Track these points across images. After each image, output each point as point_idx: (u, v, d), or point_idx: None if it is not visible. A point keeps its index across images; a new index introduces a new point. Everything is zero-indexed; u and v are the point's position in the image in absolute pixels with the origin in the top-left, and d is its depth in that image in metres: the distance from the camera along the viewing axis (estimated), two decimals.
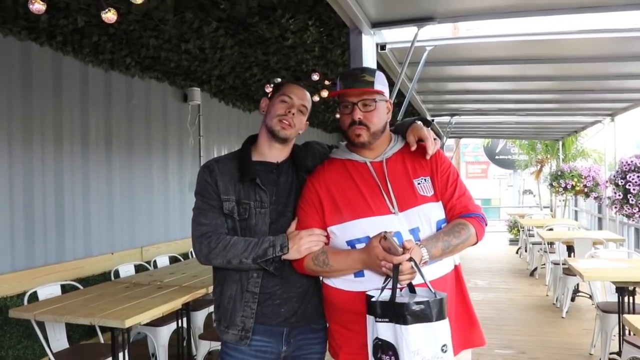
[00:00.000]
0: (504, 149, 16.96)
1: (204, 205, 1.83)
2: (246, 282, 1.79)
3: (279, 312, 1.80)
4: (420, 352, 1.45)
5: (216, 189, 1.82)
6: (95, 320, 2.90)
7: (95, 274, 4.76)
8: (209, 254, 1.77)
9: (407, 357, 1.44)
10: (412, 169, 1.75)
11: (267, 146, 1.89)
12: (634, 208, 4.39)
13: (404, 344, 1.45)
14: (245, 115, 7.78)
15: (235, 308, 1.80)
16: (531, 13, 3.07)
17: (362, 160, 1.77)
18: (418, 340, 1.45)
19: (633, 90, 5.60)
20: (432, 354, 1.46)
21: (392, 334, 1.48)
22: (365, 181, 1.73)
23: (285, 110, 1.84)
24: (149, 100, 5.73)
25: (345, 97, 1.73)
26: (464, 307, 1.76)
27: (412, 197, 1.68)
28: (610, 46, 3.93)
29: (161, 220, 5.88)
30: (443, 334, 1.48)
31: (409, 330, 1.45)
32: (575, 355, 4.39)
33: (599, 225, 9.42)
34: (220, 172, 1.84)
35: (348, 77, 1.76)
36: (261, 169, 1.86)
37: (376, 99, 1.73)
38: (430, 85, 5.47)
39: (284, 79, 6.06)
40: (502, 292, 6.91)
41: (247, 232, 1.80)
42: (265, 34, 4.43)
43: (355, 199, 1.70)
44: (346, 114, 1.74)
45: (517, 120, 8.06)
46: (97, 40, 4.34)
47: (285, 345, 1.83)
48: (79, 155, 4.75)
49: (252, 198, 1.81)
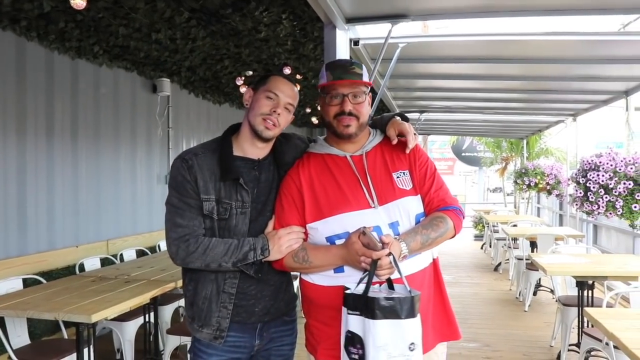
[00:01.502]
0: (470, 146, 17.26)
1: (181, 204, 1.72)
2: (222, 283, 1.74)
3: (253, 311, 1.78)
4: (387, 348, 1.44)
5: (195, 188, 1.71)
6: (61, 315, 2.82)
7: (60, 267, 4.65)
8: (186, 258, 1.69)
9: (372, 351, 1.44)
10: (391, 162, 1.75)
11: (248, 142, 1.80)
12: (594, 205, 4.54)
13: (371, 338, 1.45)
14: (215, 107, 7.71)
15: (210, 309, 1.74)
16: (500, 14, 3.14)
17: (342, 154, 1.76)
18: (385, 336, 1.44)
19: (594, 92, 5.80)
20: (399, 351, 1.45)
21: (362, 327, 1.48)
22: (345, 175, 1.72)
23: (270, 109, 1.74)
24: (117, 90, 5.61)
25: (336, 88, 1.71)
26: (441, 301, 1.78)
27: (391, 191, 1.69)
28: (574, 49, 4.05)
29: (128, 213, 5.78)
30: (412, 332, 1.47)
31: (377, 325, 1.44)
32: (537, 347, 4.53)
33: (560, 221, 9.71)
34: (200, 168, 1.72)
35: (337, 68, 1.74)
36: (243, 165, 1.78)
37: (365, 92, 1.73)
38: (401, 82, 5.53)
39: (256, 72, 6.02)
40: (467, 287, 7.06)
41: (226, 232, 1.73)
42: (238, 26, 4.39)
43: (334, 194, 1.70)
44: (334, 104, 1.72)
45: (484, 118, 8.22)
46: (63, 26, 4.22)
47: (259, 339, 1.82)
48: (43, 145, 4.61)
49: (233, 198, 1.73)
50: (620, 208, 4.36)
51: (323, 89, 1.75)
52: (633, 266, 3.96)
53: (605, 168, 4.44)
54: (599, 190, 4.45)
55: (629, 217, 4.40)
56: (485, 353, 4.33)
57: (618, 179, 4.35)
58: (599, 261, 4.16)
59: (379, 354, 1.44)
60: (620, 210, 4.37)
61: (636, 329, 2.35)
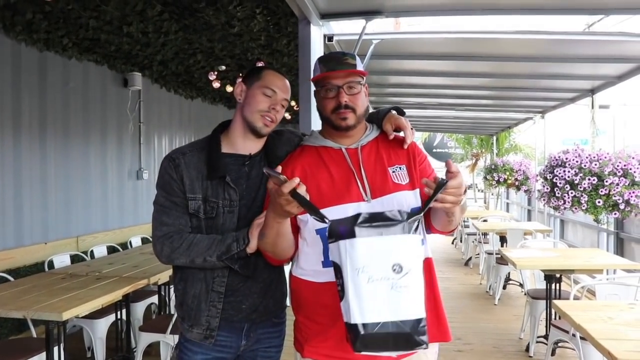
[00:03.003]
0: (441, 142, 17.52)
1: (167, 203, 1.71)
2: (211, 281, 1.72)
3: (240, 308, 1.75)
4: (366, 270, 1.29)
5: (181, 186, 1.70)
6: (30, 314, 2.75)
7: (28, 264, 4.54)
8: (171, 254, 1.68)
9: (350, 275, 1.30)
10: (387, 157, 1.72)
11: (240, 137, 1.77)
12: (560, 200, 4.66)
13: (349, 260, 1.31)
14: (187, 102, 7.62)
15: (200, 308, 1.73)
16: (471, 12, 3.21)
17: (336, 146, 1.72)
18: (363, 257, 1.30)
19: (562, 89, 5.95)
20: (382, 274, 1.29)
21: (338, 252, 1.35)
22: (339, 168, 1.68)
23: (268, 105, 1.72)
24: (87, 84, 5.50)
25: (330, 80, 1.66)
26: (433, 301, 1.68)
27: (386, 185, 1.65)
28: (542, 47, 4.15)
29: (99, 209, 5.67)
30: (396, 252, 1.31)
31: (354, 244, 1.31)
32: (507, 339, 4.63)
33: (528, 216, 9.93)
34: (186, 166, 1.70)
35: (330, 60, 1.69)
36: (232, 162, 1.75)
37: (360, 82, 1.69)
38: (374, 77, 5.56)
39: (229, 67, 5.98)
40: (439, 281, 7.03)
41: (214, 230, 1.71)
42: (211, 21, 4.35)
43: (327, 186, 1.65)
44: (330, 97, 1.67)
45: (455, 115, 8.35)
46: (31, 17, 4.11)
47: (245, 339, 1.80)
48: (10, 139, 4.49)
49: (220, 197, 1.71)
50: (585, 203, 4.50)
51: (317, 82, 1.71)
52: (598, 260, 4.09)
53: (571, 164, 4.57)
54: (565, 186, 4.58)
55: (593, 212, 4.54)
56: (457, 346, 4.42)
57: (583, 175, 4.48)
58: (566, 255, 4.28)
59: (358, 277, 1.29)
60: (585, 206, 4.51)
61: (602, 320, 2.42)
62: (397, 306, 1.28)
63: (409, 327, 1.28)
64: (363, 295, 1.28)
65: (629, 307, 2.67)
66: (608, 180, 4.35)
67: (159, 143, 6.99)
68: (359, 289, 1.29)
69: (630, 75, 4.86)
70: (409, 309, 1.29)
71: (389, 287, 1.28)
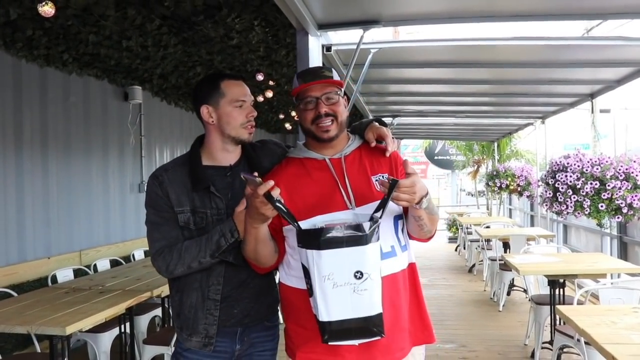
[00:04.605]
0: (443, 149, 17.49)
1: (157, 219, 1.75)
2: (207, 290, 1.75)
3: (231, 313, 1.78)
4: (332, 278, 1.45)
5: (168, 202, 1.74)
6: (33, 329, 2.75)
7: (31, 279, 4.55)
8: (168, 267, 1.71)
9: (318, 281, 1.46)
10: (370, 166, 1.76)
11: (219, 150, 1.81)
12: (563, 205, 4.65)
13: (316, 268, 1.46)
14: (187, 114, 7.65)
15: (197, 316, 1.76)
16: (469, 19, 3.21)
17: (320, 157, 1.76)
18: (329, 266, 1.45)
19: (561, 95, 5.96)
20: (345, 279, 1.45)
21: (306, 259, 1.50)
22: (323, 178, 1.72)
23: (246, 115, 1.78)
24: (88, 98, 5.53)
25: (308, 92, 1.71)
26: (417, 306, 1.76)
27: (369, 193, 1.69)
28: (541, 53, 4.16)
29: (101, 223, 5.68)
30: (357, 261, 1.46)
31: (322, 255, 1.45)
32: (512, 346, 4.61)
33: (531, 222, 9.90)
34: (170, 182, 1.75)
35: (307, 74, 1.75)
36: (214, 174, 1.79)
37: (338, 92, 1.74)
38: (374, 87, 5.58)
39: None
40: (443, 289, 7.14)
41: None
42: (210, 33, 4.38)
43: (311, 197, 1.69)
44: (309, 109, 1.72)
45: (455, 122, 8.35)
46: (31, 34, 4.14)
47: (239, 344, 1.82)
48: (12, 155, 4.52)
49: (208, 206, 1.75)
50: (587, 208, 4.48)
51: (297, 96, 1.76)
52: (602, 264, 4.07)
53: (573, 169, 4.56)
54: (567, 191, 4.57)
55: (596, 216, 4.53)
56: (462, 353, 4.39)
57: (585, 180, 4.47)
58: (569, 260, 4.26)
59: (324, 283, 1.45)
60: (587, 210, 4.49)
61: (605, 325, 2.41)
62: (358, 305, 1.46)
63: (368, 322, 1.47)
64: (329, 299, 1.46)
65: (632, 311, 2.66)
66: (610, 184, 4.34)
67: (161, 155, 7.01)
68: (326, 293, 1.46)
69: (629, 79, 4.87)
70: (368, 306, 1.47)
71: (352, 290, 1.46)
